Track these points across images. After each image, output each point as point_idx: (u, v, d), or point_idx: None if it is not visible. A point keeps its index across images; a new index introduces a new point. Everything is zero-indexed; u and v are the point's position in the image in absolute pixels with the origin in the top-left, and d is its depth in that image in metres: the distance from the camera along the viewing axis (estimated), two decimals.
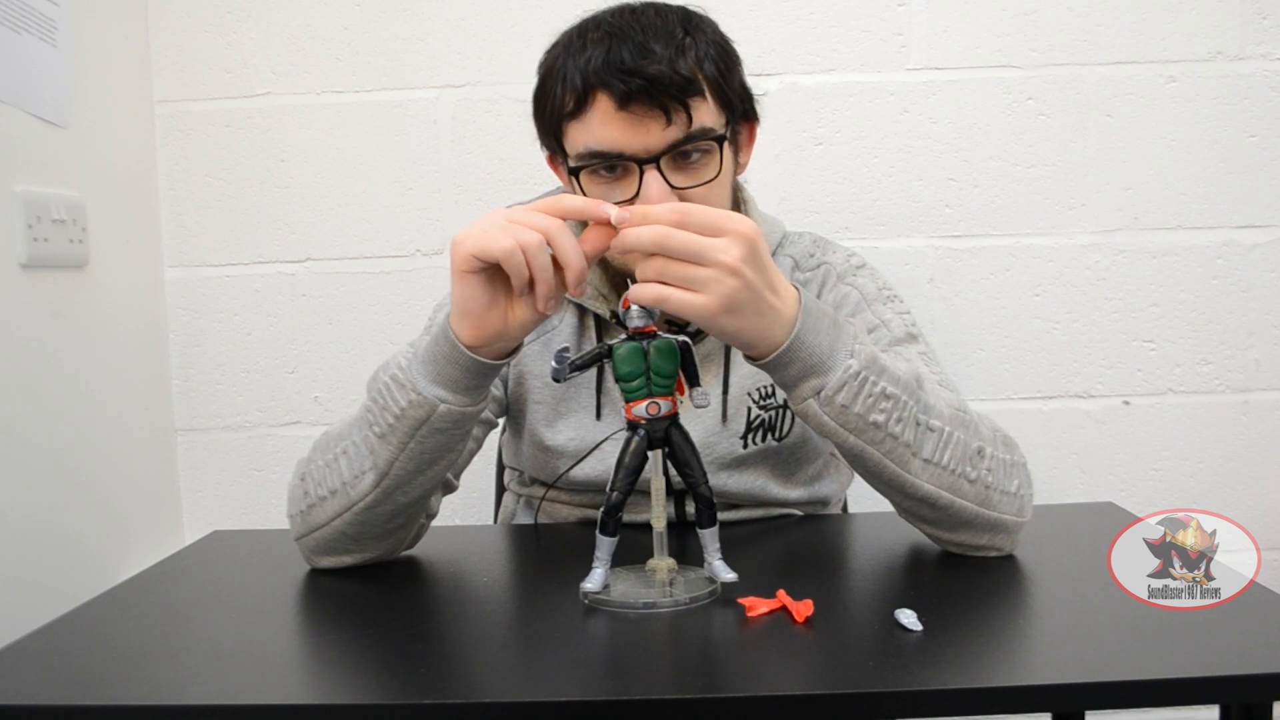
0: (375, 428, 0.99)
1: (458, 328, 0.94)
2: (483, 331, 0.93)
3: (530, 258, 0.88)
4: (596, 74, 1.04)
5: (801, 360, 0.92)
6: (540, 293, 0.90)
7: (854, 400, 0.93)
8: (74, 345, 1.45)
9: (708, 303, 0.86)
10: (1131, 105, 1.67)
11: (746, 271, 0.86)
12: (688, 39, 1.06)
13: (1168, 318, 1.70)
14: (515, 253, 0.88)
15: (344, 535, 1.04)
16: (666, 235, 0.85)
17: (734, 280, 0.86)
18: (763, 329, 0.90)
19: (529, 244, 0.88)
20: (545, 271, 0.89)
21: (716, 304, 0.86)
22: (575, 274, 0.89)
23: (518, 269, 0.89)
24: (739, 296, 0.86)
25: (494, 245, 0.88)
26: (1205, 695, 0.79)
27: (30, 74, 1.36)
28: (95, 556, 1.46)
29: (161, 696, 0.79)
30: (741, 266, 0.86)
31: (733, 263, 0.85)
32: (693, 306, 0.87)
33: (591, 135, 1.05)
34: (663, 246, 0.86)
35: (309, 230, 1.71)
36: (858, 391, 0.93)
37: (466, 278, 0.91)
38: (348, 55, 1.68)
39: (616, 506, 0.92)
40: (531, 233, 0.89)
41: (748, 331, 0.90)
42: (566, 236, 0.89)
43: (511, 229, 0.89)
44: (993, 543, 1.03)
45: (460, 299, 0.93)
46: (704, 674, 0.83)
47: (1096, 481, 1.72)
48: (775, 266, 0.91)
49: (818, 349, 0.92)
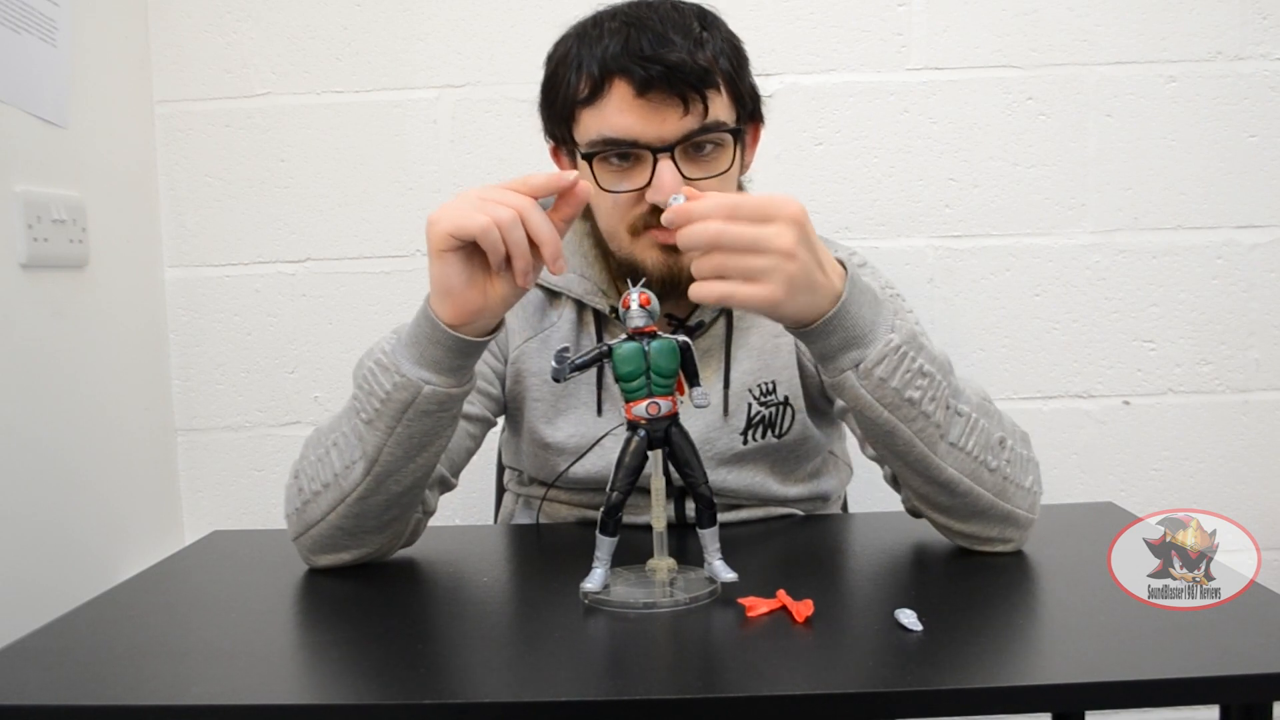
0: (362, 414, 0.99)
1: (438, 307, 0.95)
2: (463, 309, 0.94)
3: (505, 233, 0.90)
4: (615, 60, 1.04)
5: (844, 331, 0.92)
6: (518, 268, 0.92)
7: (892, 374, 0.93)
8: (74, 345, 1.45)
9: (772, 292, 0.87)
10: (1131, 105, 1.67)
11: (802, 253, 0.87)
12: (705, 33, 1.08)
13: (1168, 318, 1.70)
14: (491, 229, 0.89)
15: (340, 530, 1.04)
16: (722, 231, 0.86)
17: (792, 265, 0.86)
18: (814, 304, 0.91)
19: (503, 220, 0.90)
20: (520, 245, 0.91)
21: (780, 291, 0.87)
22: (550, 249, 0.91)
23: (494, 245, 0.90)
24: (798, 279, 0.87)
25: (469, 223, 0.90)
26: (1205, 695, 0.79)
27: (30, 74, 1.36)
28: (95, 556, 1.46)
29: (161, 696, 0.79)
30: (797, 249, 0.86)
31: (789, 247, 0.86)
32: (757, 297, 0.87)
33: (607, 122, 1.06)
34: (719, 243, 0.86)
35: (309, 230, 1.71)
36: (896, 366, 0.93)
37: (444, 256, 0.92)
38: (348, 55, 1.68)
39: (616, 506, 0.92)
40: (504, 209, 0.90)
41: (802, 310, 0.90)
42: (538, 213, 0.91)
43: (485, 205, 0.90)
44: (1003, 535, 1.03)
45: (439, 278, 0.94)
46: (704, 674, 0.83)
47: (1096, 481, 1.72)
48: (822, 243, 0.91)
49: (861, 321, 0.92)
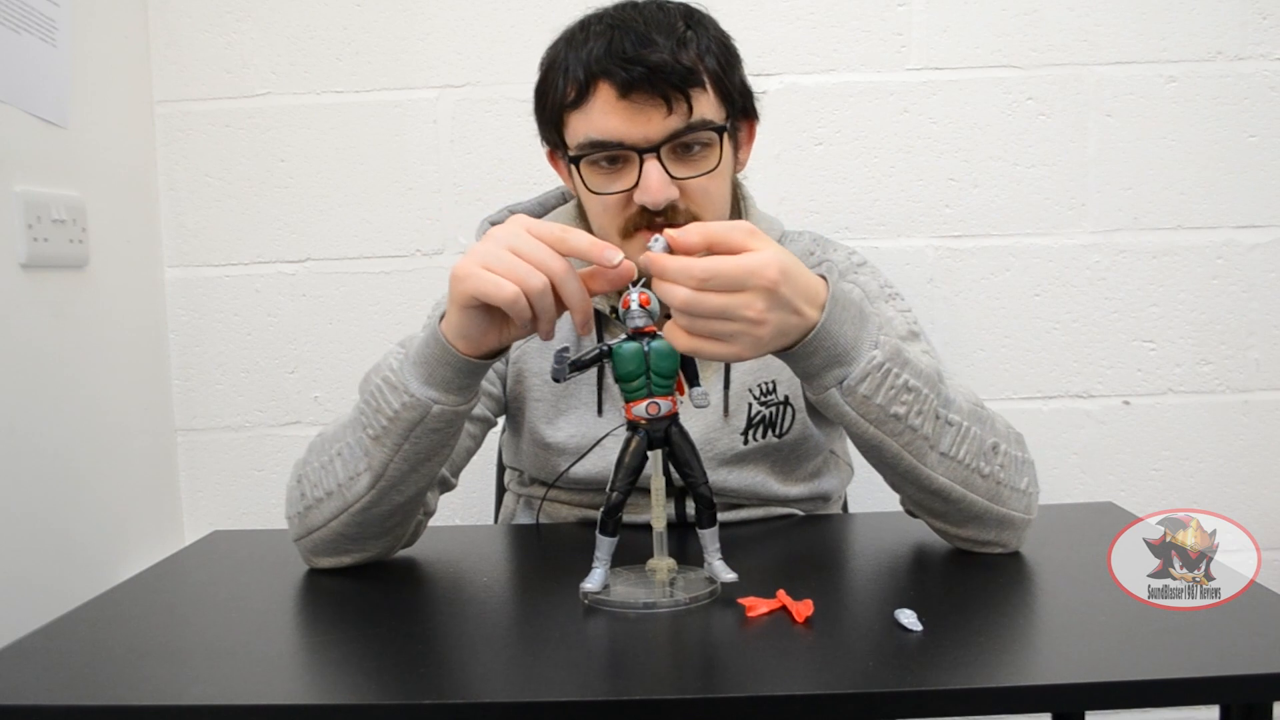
0: (369, 430, 0.99)
1: (453, 341, 0.94)
2: (476, 350, 0.94)
3: (533, 301, 0.88)
4: (598, 63, 1.04)
5: (827, 351, 0.91)
6: (542, 328, 0.90)
7: (876, 391, 0.93)
8: (74, 345, 1.45)
9: (739, 351, 0.88)
10: (1131, 105, 1.67)
11: (771, 318, 0.86)
12: (689, 32, 1.07)
13: (1168, 318, 1.70)
14: (519, 299, 0.87)
15: (342, 536, 1.04)
16: (690, 301, 0.85)
17: (760, 330, 0.86)
18: (788, 342, 0.90)
19: (533, 289, 0.87)
20: (548, 312, 0.89)
21: (748, 351, 0.88)
22: (581, 316, 0.90)
23: (520, 314, 0.88)
24: (765, 339, 0.87)
25: (497, 293, 0.87)
26: (1205, 695, 0.79)
27: (30, 74, 1.36)
28: (95, 556, 1.46)
29: (161, 696, 0.79)
30: (767, 315, 0.85)
31: (758, 315, 0.85)
32: (723, 355, 0.88)
33: (592, 125, 1.06)
34: (687, 310, 0.85)
35: (309, 230, 1.71)
36: (881, 383, 0.92)
37: (465, 311, 0.91)
38: (348, 55, 1.68)
39: (616, 506, 0.92)
40: (536, 275, 0.87)
41: (774, 351, 0.91)
42: (572, 281, 0.88)
43: (515, 269, 0.87)
44: (999, 538, 1.03)
45: (457, 326, 0.93)
46: (704, 674, 0.83)
47: (1096, 481, 1.72)
48: (802, 280, 0.88)
49: (842, 339, 0.91)
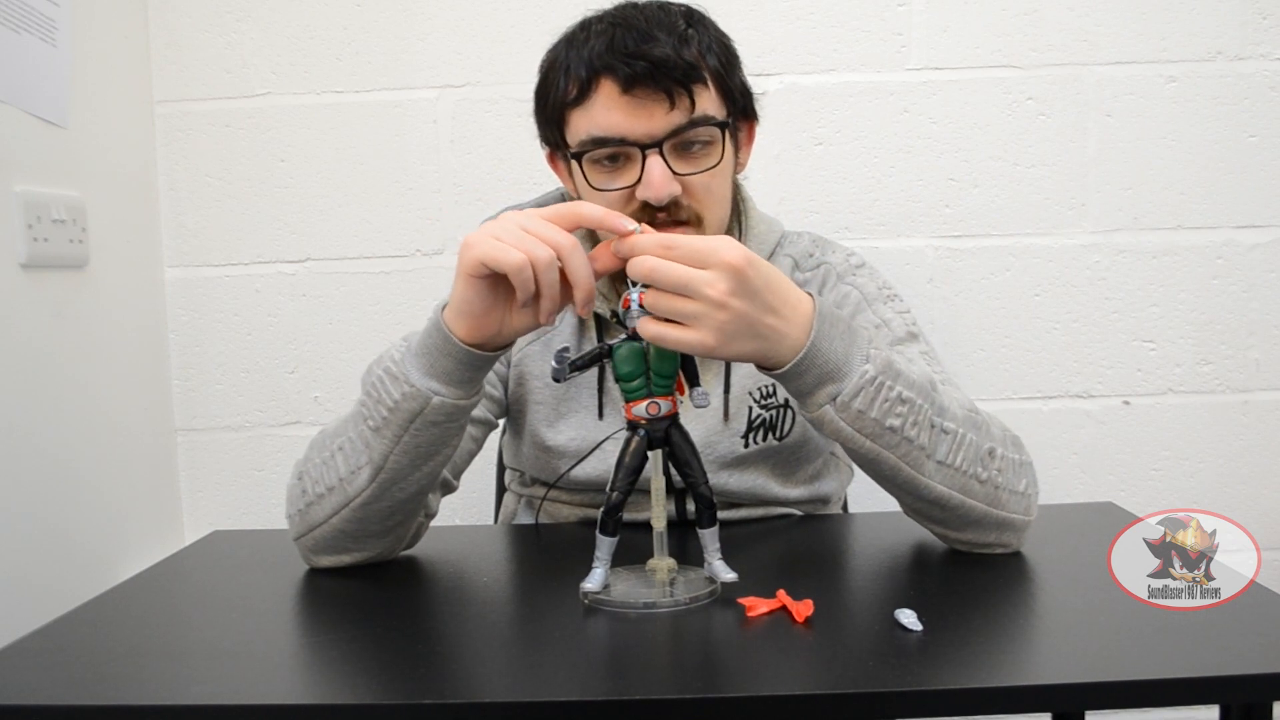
0: (370, 421, 0.99)
1: (453, 323, 0.94)
2: (478, 332, 0.93)
3: (539, 273, 0.88)
4: (600, 59, 1.04)
5: (817, 369, 0.91)
6: (544, 307, 0.90)
7: (870, 406, 0.92)
8: (74, 345, 1.45)
9: (702, 338, 0.86)
10: (1131, 105, 1.67)
11: (735, 303, 0.85)
12: (690, 30, 1.08)
13: (1168, 318, 1.70)
14: (525, 268, 0.87)
15: (342, 533, 1.04)
16: (655, 268, 0.85)
17: (723, 314, 0.85)
18: (765, 350, 0.90)
19: (540, 259, 0.87)
20: (552, 288, 0.89)
21: (711, 339, 0.86)
22: (584, 294, 0.89)
23: (525, 284, 0.88)
24: (730, 328, 0.86)
25: (504, 258, 0.87)
26: (1205, 695, 0.79)
27: (30, 74, 1.36)
28: (95, 556, 1.46)
29: (161, 696, 0.79)
30: (729, 299, 0.85)
31: (719, 297, 0.85)
32: (685, 343, 0.87)
33: (594, 121, 1.06)
34: (652, 278, 0.85)
35: (309, 230, 1.71)
36: (874, 396, 0.92)
37: (471, 281, 0.91)
38: (348, 55, 1.68)
39: (616, 506, 0.92)
40: (544, 248, 0.88)
41: (749, 355, 0.90)
42: (579, 255, 0.88)
43: (524, 240, 0.88)
44: (999, 540, 1.03)
45: (461, 299, 0.93)
46: (704, 674, 0.83)
47: (1096, 481, 1.72)
48: (779, 284, 0.89)
49: (833, 356, 0.91)
